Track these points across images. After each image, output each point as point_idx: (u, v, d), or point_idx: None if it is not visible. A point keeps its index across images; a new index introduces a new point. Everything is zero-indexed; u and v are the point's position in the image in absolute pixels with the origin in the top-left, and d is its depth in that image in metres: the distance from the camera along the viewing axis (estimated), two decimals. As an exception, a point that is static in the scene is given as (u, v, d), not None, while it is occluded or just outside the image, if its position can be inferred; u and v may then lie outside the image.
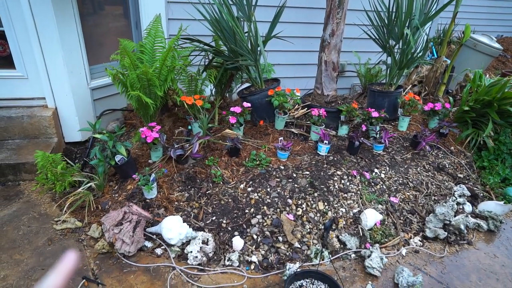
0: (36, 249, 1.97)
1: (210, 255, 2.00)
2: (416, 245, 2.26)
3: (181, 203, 2.28)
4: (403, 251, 2.20)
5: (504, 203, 2.60)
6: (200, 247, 1.98)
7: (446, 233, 2.32)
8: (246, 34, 2.79)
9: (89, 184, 2.31)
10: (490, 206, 2.57)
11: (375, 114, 2.91)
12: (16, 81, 2.77)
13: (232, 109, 2.64)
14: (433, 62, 3.90)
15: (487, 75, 3.96)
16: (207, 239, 2.04)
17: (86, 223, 2.18)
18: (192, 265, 1.94)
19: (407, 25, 3.07)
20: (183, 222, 2.09)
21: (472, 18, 6.85)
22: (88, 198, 2.27)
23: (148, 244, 2.05)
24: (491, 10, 7.18)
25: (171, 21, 3.33)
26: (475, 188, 2.81)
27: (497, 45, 4.58)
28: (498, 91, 2.97)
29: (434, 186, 2.70)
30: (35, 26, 2.49)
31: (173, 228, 1.99)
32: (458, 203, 2.58)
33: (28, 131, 2.74)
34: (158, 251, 2.02)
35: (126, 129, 3.13)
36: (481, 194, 2.79)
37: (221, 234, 2.11)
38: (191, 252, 1.95)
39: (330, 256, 2.08)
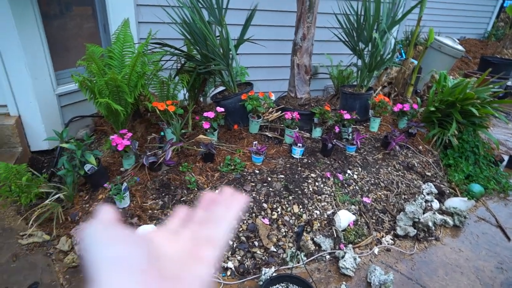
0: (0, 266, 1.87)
1: (186, 263, 1.98)
2: (388, 244, 2.34)
3: (155, 211, 2.24)
4: (376, 250, 2.27)
5: (467, 199, 2.75)
6: (175, 256, 1.95)
7: (415, 230, 2.41)
8: (218, 38, 2.77)
9: (57, 195, 2.22)
10: (456, 202, 2.70)
11: (347, 116, 2.98)
12: (-27, 88, 2.61)
13: (205, 114, 2.62)
14: (401, 63, 4.05)
15: (451, 76, 4.15)
16: (182, 247, 2.01)
17: (54, 236, 2.09)
18: (167, 275, 1.91)
19: (375, 28, 3.16)
20: (157, 231, 2.05)
21: (437, 21, 7.18)
22: (57, 210, 2.18)
23: (121, 255, 2.00)
24: (454, 13, 7.54)
25: (142, 24, 3.25)
26: (442, 186, 2.95)
27: (459, 47, 4.81)
28: (460, 92, 3.12)
29: (404, 185, 2.81)
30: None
31: (147, 238, 1.95)
32: (426, 201, 2.69)
33: (-11, 141, 2.60)
34: (132, 262, 1.97)
35: (97, 136, 3.04)
36: (448, 191, 2.92)
37: (197, 241, 2.09)
38: (166, 261, 1.92)
39: (306, 258, 2.12)
